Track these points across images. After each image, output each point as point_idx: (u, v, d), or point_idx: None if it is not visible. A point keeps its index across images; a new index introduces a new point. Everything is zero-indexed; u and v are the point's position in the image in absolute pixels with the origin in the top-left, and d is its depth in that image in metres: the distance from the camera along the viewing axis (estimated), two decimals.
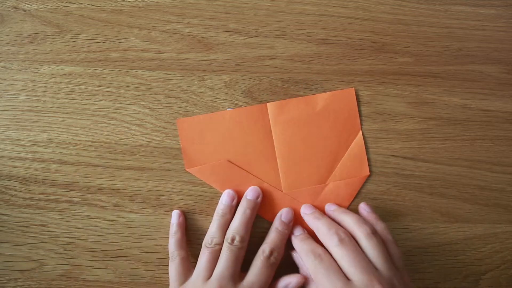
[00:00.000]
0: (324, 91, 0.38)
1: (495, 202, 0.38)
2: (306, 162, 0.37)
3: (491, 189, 0.38)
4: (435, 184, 0.38)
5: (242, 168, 0.36)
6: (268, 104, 0.37)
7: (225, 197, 0.35)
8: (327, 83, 0.38)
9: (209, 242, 0.33)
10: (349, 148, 0.37)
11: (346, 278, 0.30)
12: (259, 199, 0.36)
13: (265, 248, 0.33)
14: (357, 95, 0.38)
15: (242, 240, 0.33)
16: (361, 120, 0.38)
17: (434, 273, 0.37)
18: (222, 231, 0.34)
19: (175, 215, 0.36)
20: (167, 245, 0.36)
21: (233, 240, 0.33)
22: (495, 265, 0.38)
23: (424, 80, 0.39)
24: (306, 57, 0.38)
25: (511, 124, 0.39)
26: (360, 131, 0.38)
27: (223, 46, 0.38)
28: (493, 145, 0.39)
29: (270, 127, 0.37)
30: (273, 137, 0.37)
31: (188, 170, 0.36)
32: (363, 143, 0.37)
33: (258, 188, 0.36)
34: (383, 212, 0.37)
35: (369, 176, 0.37)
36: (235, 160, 0.36)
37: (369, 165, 0.38)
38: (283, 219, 0.35)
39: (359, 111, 0.38)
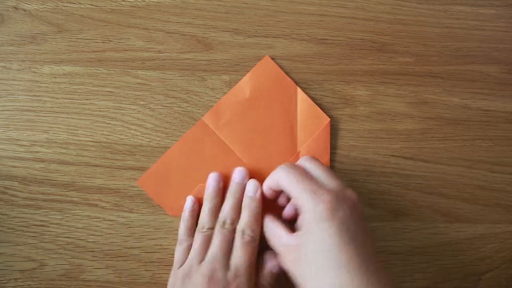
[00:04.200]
0: (324, 91, 0.38)
1: (495, 202, 0.38)
2: (267, 145, 0.37)
3: (491, 189, 0.38)
4: (435, 184, 0.38)
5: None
6: (203, 118, 0.37)
7: (211, 181, 0.35)
8: (327, 83, 0.38)
9: (201, 228, 0.34)
10: (298, 109, 0.37)
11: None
12: (247, 180, 0.35)
13: (238, 229, 0.33)
14: (356, 95, 0.38)
15: (232, 223, 0.33)
16: (299, 83, 0.38)
17: (434, 273, 0.37)
18: (213, 216, 0.34)
19: (189, 201, 0.36)
20: (167, 245, 0.36)
21: (224, 223, 0.33)
22: (495, 265, 0.38)
23: (424, 80, 0.39)
24: (306, 57, 0.38)
25: (511, 124, 0.39)
26: (297, 87, 0.38)
27: (223, 46, 0.38)
28: (493, 145, 0.39)
29: (217, 135, 0.37)
30: (226, 143, 0.37)
31: (173, 215, 0.36)
32: (307, 96, 0.37)
33: (244, 168, 0.36)
34: (383, 212, 0.37)
35: (369, 176, 0.37)
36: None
37: (369, 165, 0.38)
38: (249, 193, 0.34)
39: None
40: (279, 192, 0.33)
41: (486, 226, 0.38)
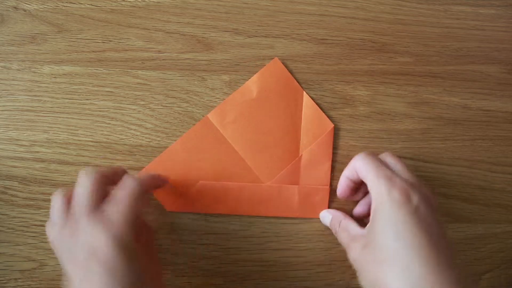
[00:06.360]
0: (324, 91, 0.38)
1: (495, 202, 0.38)
2: (270, 147, 0.37)
3: (491, 189, 0.38)
4: (435, 184, 0.38)
5: (218, 182, 0.36)
6: (208, 115, 0.37)
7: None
8: (327, 83, 0.38)
9: None
10: (303, 113, 0.37)
11: None
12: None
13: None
14: (356, 95, 0.38)
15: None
16: (299, 83, 0.37)
17: None
18: None
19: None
20: (167, 245, 0.36)
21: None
22: (495, 265, 0.38)
23: (424, 80, 0.39)
24: (306, 57, 0.38)
25: (511, 124, 0.39)
26: (303, 92, 0.38)
27: (223, 46, 0.38)
28: (493, 145, 0.39)
29: (221, 134, 0.37)
30: (229, 141, 0.37)
31: (170, 210, 0.36)
32: (313, 101, 0.37)
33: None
34: None
35: None
36: (207, 180, 0.36)
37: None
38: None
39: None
40: (357, 185, 0.33)
41: (486, 226, 0.38)
